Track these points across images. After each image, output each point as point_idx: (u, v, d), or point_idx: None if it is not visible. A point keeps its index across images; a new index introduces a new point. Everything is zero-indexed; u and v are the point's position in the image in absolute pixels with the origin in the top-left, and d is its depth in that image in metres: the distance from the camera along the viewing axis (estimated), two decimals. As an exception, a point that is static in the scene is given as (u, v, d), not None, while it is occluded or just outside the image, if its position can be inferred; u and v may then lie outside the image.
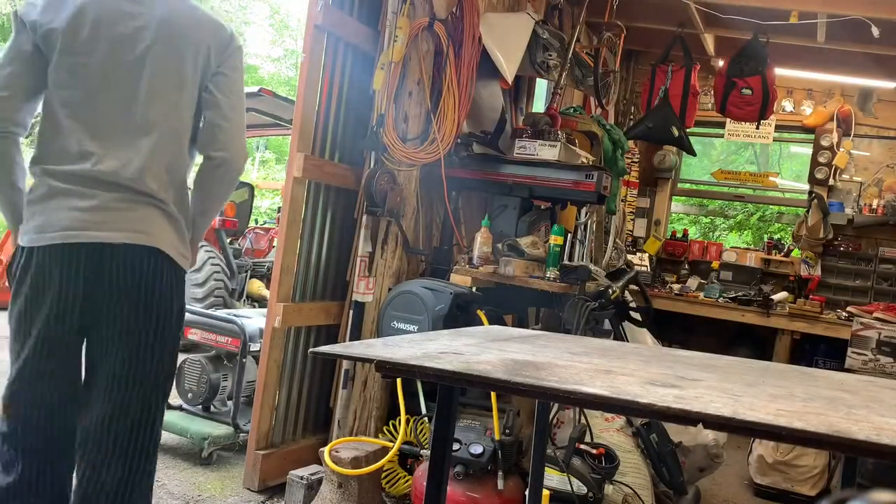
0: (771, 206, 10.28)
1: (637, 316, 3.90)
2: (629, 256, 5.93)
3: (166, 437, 3.63)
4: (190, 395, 3.69)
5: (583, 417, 3.12)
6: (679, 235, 7.18)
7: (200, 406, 3.70)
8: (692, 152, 5.64)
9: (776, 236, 9.47)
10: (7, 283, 1.92)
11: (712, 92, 5.69)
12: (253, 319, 3.67)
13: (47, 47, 1.81)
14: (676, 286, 6.38)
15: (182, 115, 1.91)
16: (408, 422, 3.04)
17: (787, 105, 6.58)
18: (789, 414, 1.07)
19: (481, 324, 3.13)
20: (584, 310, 3.26)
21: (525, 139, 3.77)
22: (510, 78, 3.88)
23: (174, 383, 3.08)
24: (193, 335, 3.73)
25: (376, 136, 3.41)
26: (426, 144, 3.49)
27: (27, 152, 1.89)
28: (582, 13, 4.50)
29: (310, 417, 3.56)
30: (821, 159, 6.42)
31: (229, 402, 3.69)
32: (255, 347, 3.54)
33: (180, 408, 3.72)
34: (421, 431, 3.07)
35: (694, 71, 5.28)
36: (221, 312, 3.83)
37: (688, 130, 5.35)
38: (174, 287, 1.89)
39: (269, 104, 6.39)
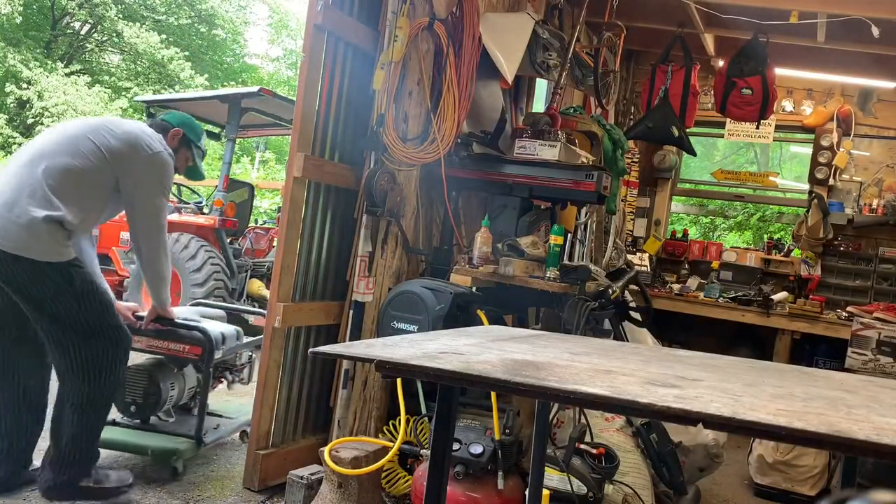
0: (771, 206, 10.29)
1: (637, 316, 3.90)
2: (629, 256, 5.93)
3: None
4: (133, 407, 3.24)
5: (583, 417, 3.12)
6: (679, 235, 7.18)
7: (141, 419, 3.31)
8: (692, 152, 5.64)
9: (776, 236, 9.47)
10: None
11: (712, 92, 5.68)
12: (211, 323, 3.37)
13: None
14: (676, 286, 6.38)
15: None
16: (408, 422, 3.04)
17: (787, 105, 6.58)
18: (789, 414, 1.07)
19: (481, 324, 3.13)
20: (584, 310, 3.26)
21: (525, 139, 3.76)
22: (510, 78, 3.88)
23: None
24: (139, 342, 3.19)
25: (376, 136, 3.41)
26: (426, 144, 3.49)
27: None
28: (582, 13, 4.50)
29: (310, 417, 3.56)
30: (821, 159, 6.42)
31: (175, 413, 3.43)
32: (218, 355, 3.24)
33: (114, 422, 3.26)
34: (421, 431, 3.07)
35: (694, 71, 5.28)
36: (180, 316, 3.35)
37: (688, 130, 5.35)
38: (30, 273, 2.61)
39: (268, 104, 6.39)
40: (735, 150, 13.52)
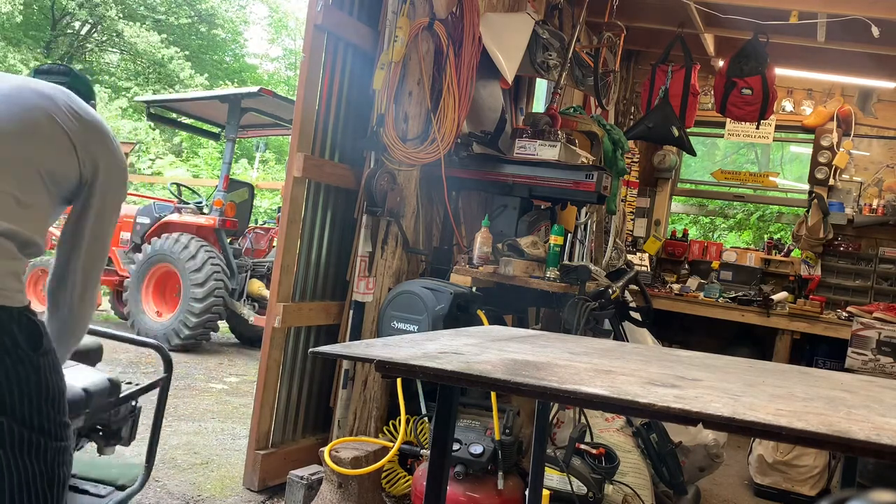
0: (771, 206, 10.29)
1: (637, 316, 3.90)
2: (629, 256, 5.94)
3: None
4: None
5: (583, 417, 3.12)
6: (679, 235, 7.18)
7: None
8: (692, 152, 5.65)
9: (776, 236, 9.47)
10: None
11: (712, 92, 5.69)
12: (72, 373, 2.02)
13: None
14: (676, 286, 6.38)
15: None
16: (408, 422, 3.04)
17: (787, 105, 6.58)
18: (789, 414, 1.07)
19: (481, 324, 3.13)
20: (584, 310, 3.26)
21: (525, 139, 3.77)
22: (510, 78, 3.88)
23: None
24: None
25: (376, 136, 3.41)
26: (426, 144, 3.49)
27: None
28: (582, 13, 4.50)
29: (310, 417, 3.56)
30: (821, 159, 6.43)
31: None
32: (78, 423, 2.01)
33: None
34: (421, 431, 3.07)
35: (694, 71, 5.28)
36: None
37: (688, 130, 5.35)
38: None
39: (268, 104, 6.40)
40: (735, 150, 13.51)
